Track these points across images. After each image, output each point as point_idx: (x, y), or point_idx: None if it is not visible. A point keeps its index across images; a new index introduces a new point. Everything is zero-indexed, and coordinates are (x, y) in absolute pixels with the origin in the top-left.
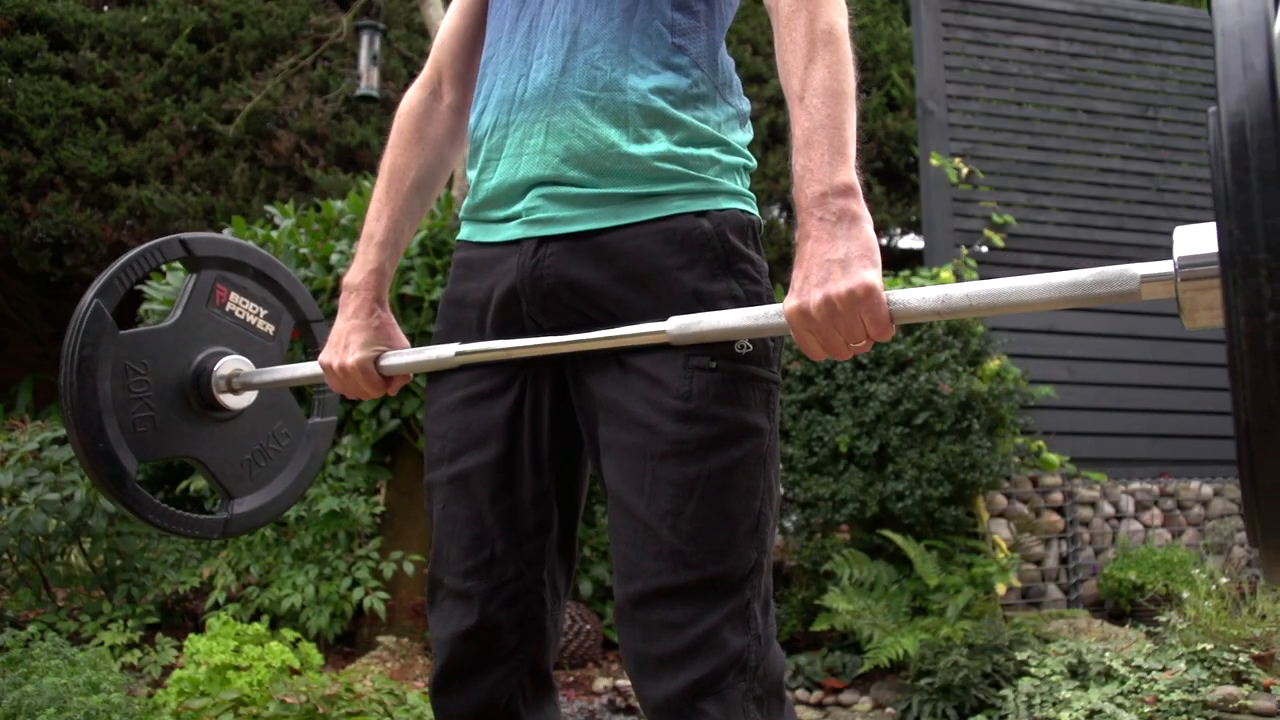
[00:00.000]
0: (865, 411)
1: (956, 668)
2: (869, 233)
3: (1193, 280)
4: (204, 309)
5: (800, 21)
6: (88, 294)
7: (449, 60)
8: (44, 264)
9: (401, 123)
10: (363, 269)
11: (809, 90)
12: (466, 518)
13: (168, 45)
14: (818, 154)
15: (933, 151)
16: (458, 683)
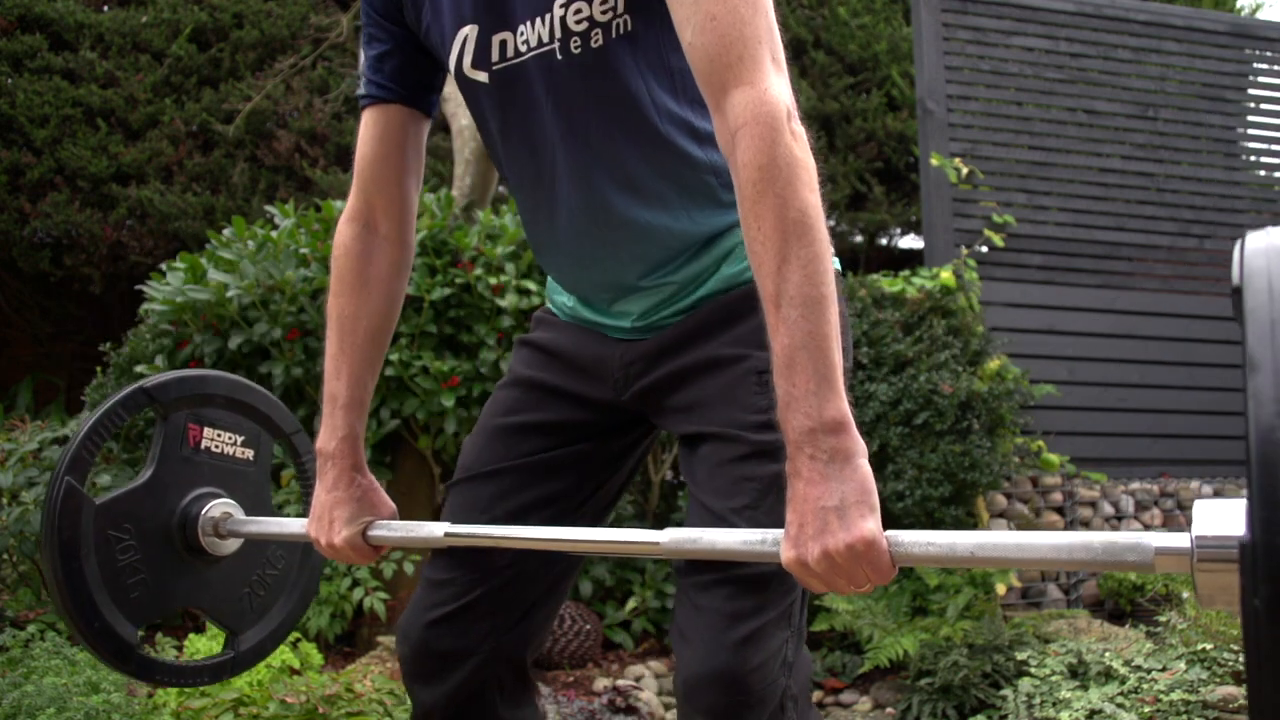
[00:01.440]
0: (865, 411)
1: (956, 668)
2: (864, 471)
3: (1210, 562)
4: (178, 453)
5: (768, 208)
6: (58, 470)
7: (377, 189)
8: (44, 264)
9: (340, 267)
10: (334, 436)
11: (784, 298)
12: (468, 509)
13: (168, 45)
14: (802, 380)
15: (933, 152)
16: (429, 673)
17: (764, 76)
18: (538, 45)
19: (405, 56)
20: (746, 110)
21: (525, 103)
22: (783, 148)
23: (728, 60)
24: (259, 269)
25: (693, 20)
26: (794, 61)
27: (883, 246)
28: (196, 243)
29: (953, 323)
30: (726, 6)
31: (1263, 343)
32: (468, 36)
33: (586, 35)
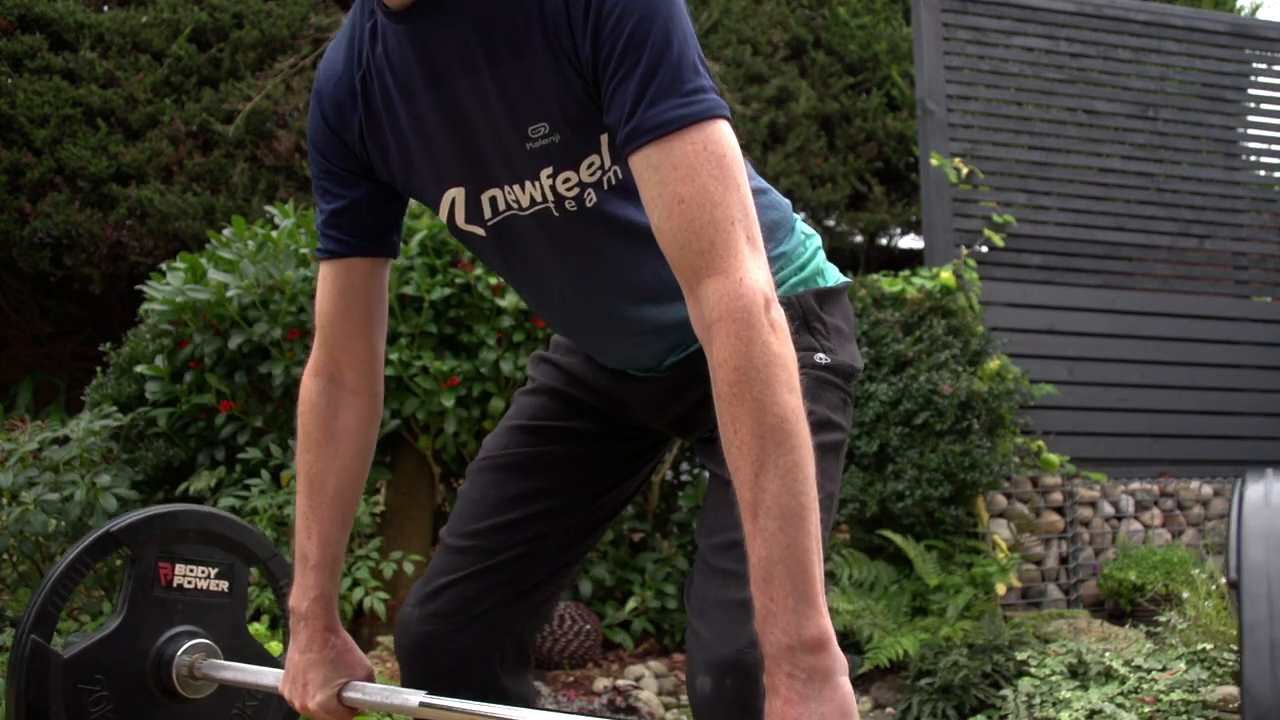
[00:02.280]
0: (865, 411)
1: (956, 668)
2: (845, 690)
3: None
4: (149, 594)
5: (745, 412)
6: (23, 626)
7: (342, 343)
8: (44, 264)
9: (306, 422)
10: (305, 596)
11: (762, 508)
12: (490, 487)
13: (168, 45)
14: (780, 594)
15: (933, 152)
16: (434, 626)
17: (738, 263)
18: (530, 205)
19: (365, 208)
20: (721, 304)
21: (525, 245)
22: (759, 346)
23: (699, 247)
24: (259, 269)
25: (660, 203)
26: (794, 61)
27: (883, 246)
28: (196, 243)
29: (953, 323)
30: (694, 186)
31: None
32: (455, 198)
33: (580, 197)
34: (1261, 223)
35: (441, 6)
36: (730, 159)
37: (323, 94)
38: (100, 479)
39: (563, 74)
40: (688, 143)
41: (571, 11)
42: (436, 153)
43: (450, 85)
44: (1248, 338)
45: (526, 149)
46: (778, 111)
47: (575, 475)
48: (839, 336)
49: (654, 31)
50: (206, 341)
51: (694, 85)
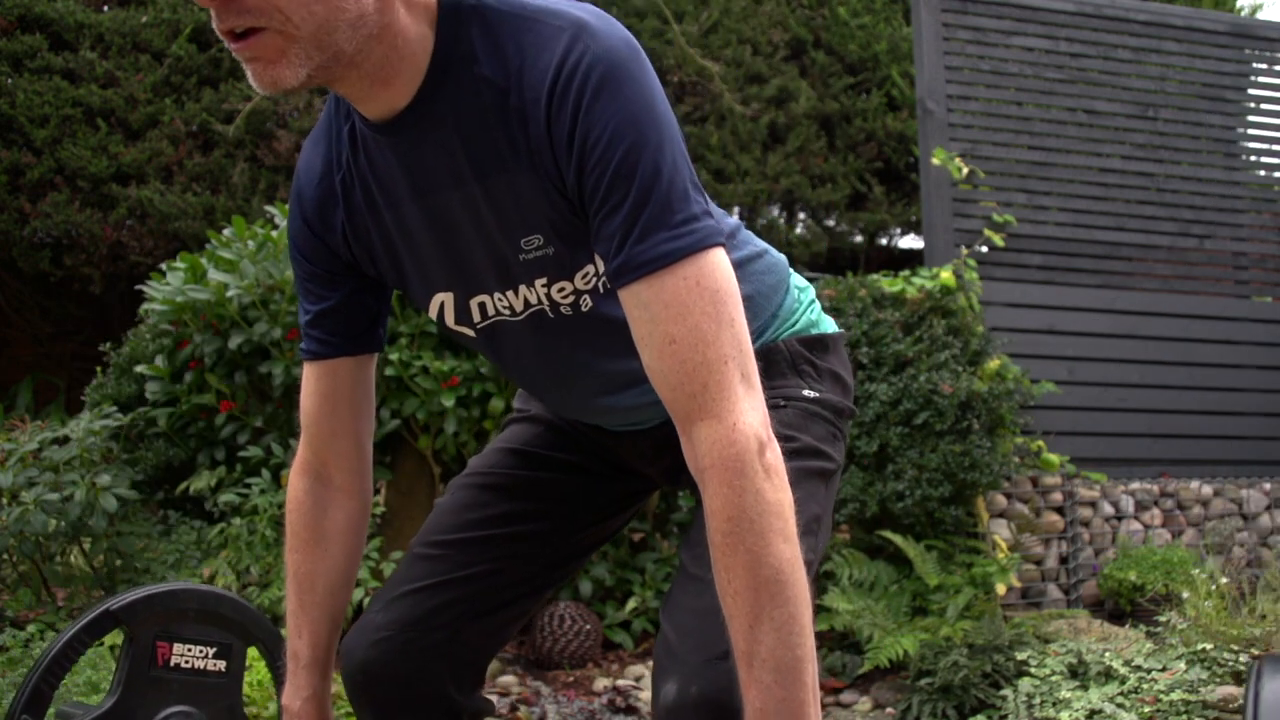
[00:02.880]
0: (865, 411)
1: (956, 668)
2: None
3: None
4: (146, 674)
5: (739, 564)
6: (15, 705)
7: (328, 442)
8: (44, 264)
9: (294, 522)
10: (298, 696)
11: (757, 660)
12: (467, 504)
13: (168, 45)
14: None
15: (936, 148)
16: (389, 636)
17: (732, 406)
18: (524, 309)
19: (350, 308)
20: (714, 451)
21: (516, 343)
22: (752, 496)
23: (691, 390)
24: (259, 269)
25: (651, 342)
26: (794, 61)
27: (883, 246)
28: (196, 243)
29: (953, 323)
30: (686, 325)
31: None
32: (444, 302)
33: (576, 303)
34: (1261, 223)
35: (422, 121)
36: (724, 292)
37: (303, 196)
38: (100, 479)
39: (550, 196)
40: (679, 278)
41: (555, 139)
42: (423, 259)
43: (436, 195)
44: (1248, 338)
45: (520, 259)
46: (778, 111)
47: (560, 505)
48: (831, 380)
49: (642, 161)
50: (206, 341)
51: (685, 215)
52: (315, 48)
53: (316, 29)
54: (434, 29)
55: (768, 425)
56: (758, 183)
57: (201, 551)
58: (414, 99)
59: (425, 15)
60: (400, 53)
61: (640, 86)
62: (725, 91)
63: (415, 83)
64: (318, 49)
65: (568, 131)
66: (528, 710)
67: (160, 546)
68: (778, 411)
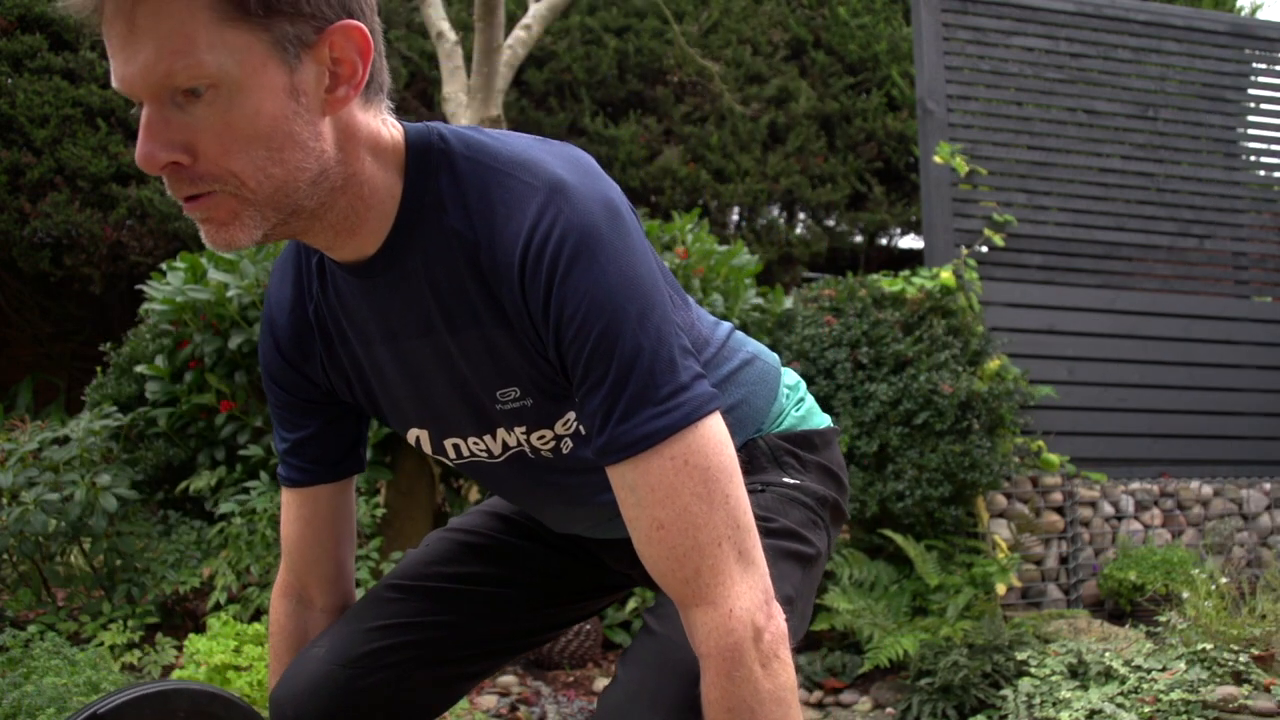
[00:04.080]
0: (865, 411)
1: (956, 668)
2: None
3: None
4: None
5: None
6: None
7: (309, 566)
8: (44, 264)
9: (275, 645)
10: None
11: None
12: (453, 559)
13: None
14: None
15: (939, 144)
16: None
17: (726, 591)
18: (503, 451)
19: (328, 435)
20: (709, 640)
21: (497, 477)
22: (748, 688)
23: (683, 575)
24: (259, 268)
25: (639, 526)
26: (794, 61)
27: (883, 246)
28: (196, 242)
29: (953, 323)
30: (675, 509)
31: None
32: (420, 437)
33: (556, 447)
34: (1261, 223)
35: (391, 269)
36: (715, 469)
37: (277, 325)
38: (100, 479)
39: (527, 353)
40: (666, 459)
41: (530, 309)
42: (396, 397)
43: (407, 341)
44: (1248, 338)
45: (497, 409)
46: (778, 111)
47: (536, 578)
48: (818, 471)
49: (621, 338)
50: (206, 341)
51: (671, 388)
52: (272, 209)
53: (274, 191)
54: (402, 176)
55: (769, 602)
56: (758, 183)
57: (201, 551)
58: (383, 246)
59: (393, 161)
60: (367, 202)
61: (616, 255)
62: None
63: (383, 230)
64: (274, 209)
65: (542, 304)
66: (528, 710)
67: (160, 546)
68: (755, 496)
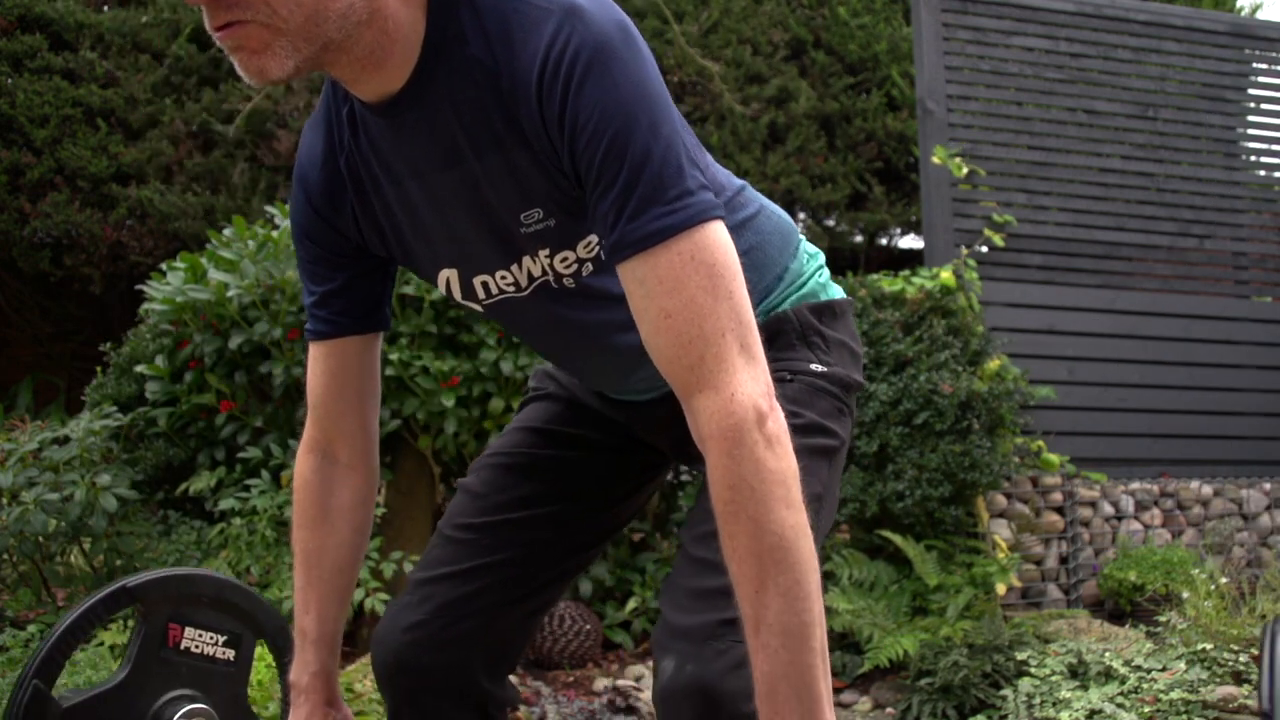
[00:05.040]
0: (865, 411)
1: (956, 668)
2: None
3: None
4: (156, 655)
5: (742, 531)
6: (26, 670)
7: (334, 420)
8: (44, 264)
9: (301, 500)
10: (305, 671)
11: (763, 625)
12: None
13: (168, 45)
14: (785, 710)
15: (936, 146)
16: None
17: (729, 377)
18: (529, 283)
19: (356, 288)
20: (712, 422)
21: (524, 317)
22: (751, 465)
23: (688, 363)
24: (259, 269)
25: (647, 317)
26: (794, 61)
27: (883, 246)
28: (196, 243)
29: (953, 323)
30: (682, 299)
31: None
32: (450, 278)
33: (577, 272)
34: (1261, 223)
35: (418, 103)
36: (720, 265)
37: (308, 181)
38: (100, 479)
39: (548, 173)
40: (674, 253)
41: (547, 122)
42: (428, 236)
43: (436, 174)
44: (1248, 338)
45: (522, 232)
46: (778, 111)
47: (579, 485)
48: (840, 351)
49: (632, 142)
50: (206, 341)
51: (679, 190)
52: (303, 39)
53: (304, 21)
54: (425, 11)
55: (770, 395)
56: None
57: (201, 551)
58: (408, 81)
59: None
60: (391, 37)
61: (629, 67)
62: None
63: (408, 65)
64: (305, 41)
65: (557, 115)
66: (528, 710)
67: (160, 546)
68: (783, 386)
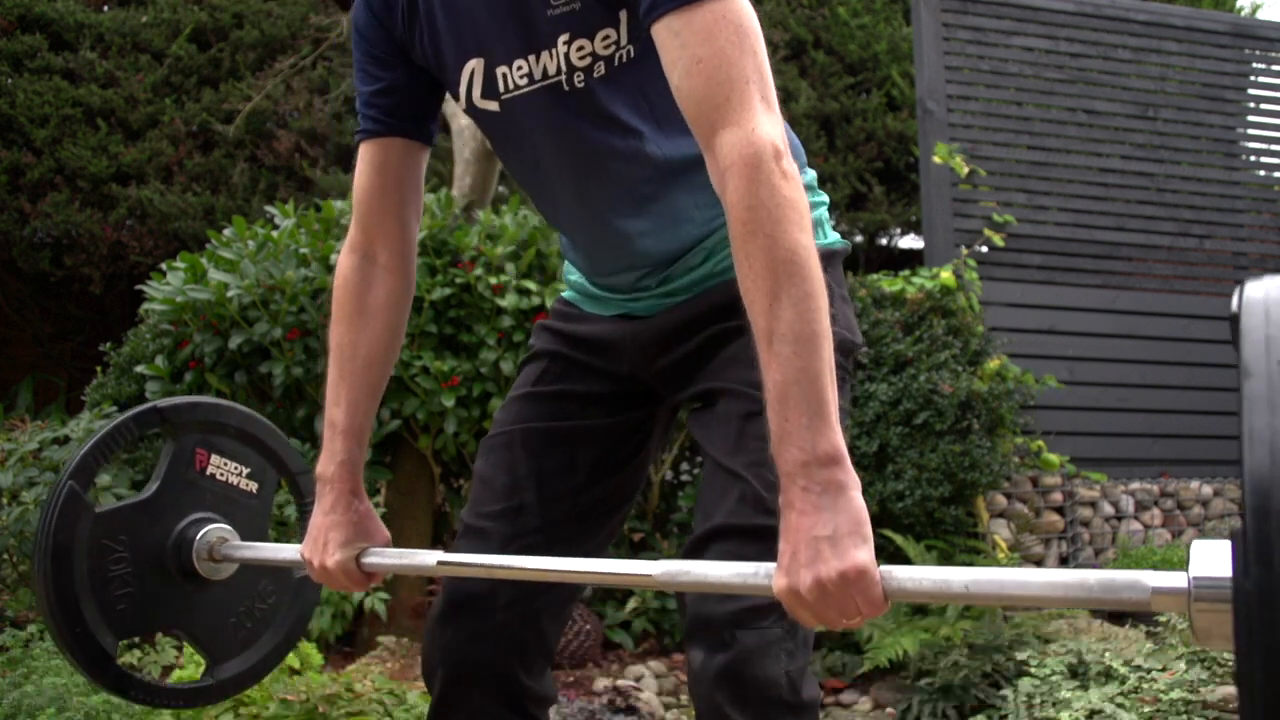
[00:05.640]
0: (865, 411)
1: (956, 668)
2: (858, 503)
3: (1207, 602)
4: (184, 476)
5: (758, 248)
6: (63, 475)
7: (376, 220)
8: (44, 264)
9: (340, 296)
10: (332, 460)
11: (776, 335)
12: (503, 465)
13: (168, 45)
14: (795, 414)
15: (937, 144)
16: (455, 618)
17: (752, 116)
18: (542, 78)
19: (403, 91)
20: (734, 151)
21: (532, 126)
22: (768, 189)
23: (715, 102)
24: (259, 269)
25: (680, 63)
26: (794, 61)
27: (883, 246)
28: (196, 243)
29: (953, 323)
30: (713, 48)
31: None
32: (474, 70)
33: (590, 69)
34: (1261, 223)
35: None
36: (748, 28)
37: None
38: (100, 479)
39: None
40: (707, 11)
41: None
42: (459, 24)
43: None
44: None
45: (548, 15)
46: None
47: (581, 449)
48: (843, 306)
49: None
50: (206, 341)
51: None
52: None
53: None
54: None
55: (785, 140)
56: None
57: None
58: None
59: None
60: None
61: None
62: None
63: None
64: None
65: None
66: None
67: None
68: None
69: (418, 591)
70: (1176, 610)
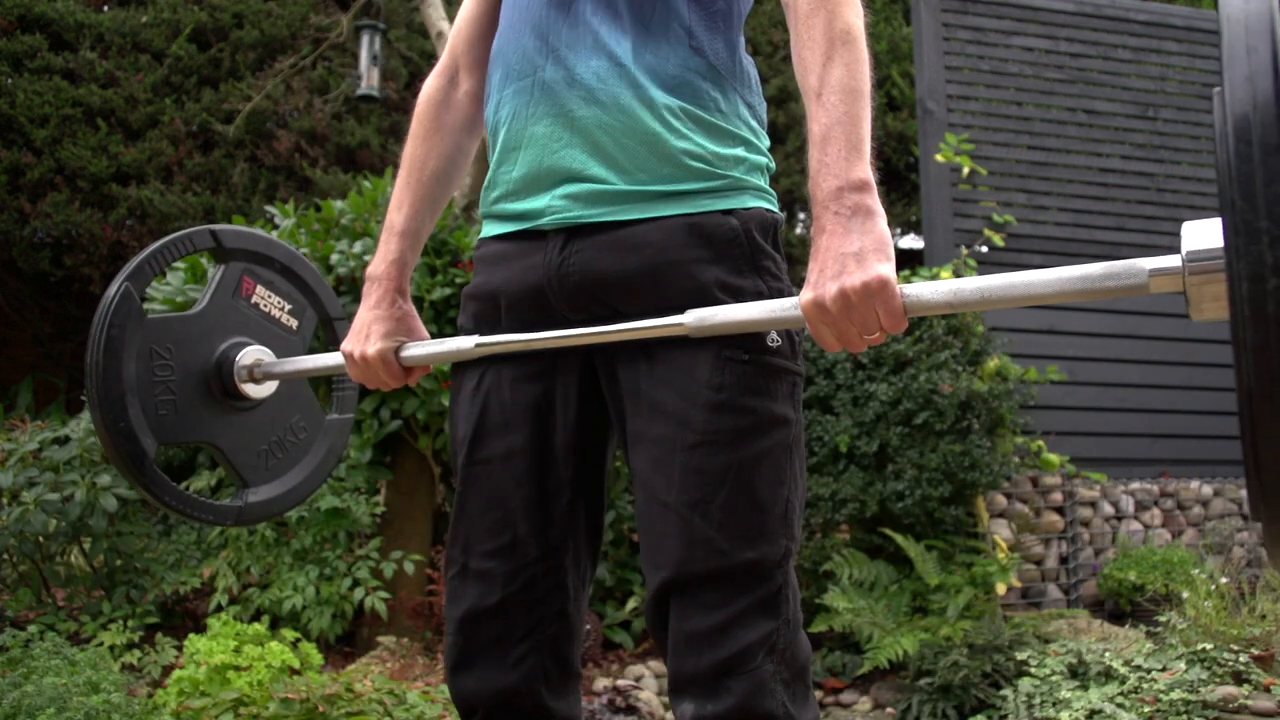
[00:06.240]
0: (865, 411)
1: (956, 668)
2: (883, 227)
3: (1200, 274)
4: (230, 300)
5: (819, 21)
6: (118, 277)
7: (465, 47)
8: (44, 264)
9: (420, 111)
10: (384, 259)
11: (827, 87)
12: (490, 500)
13: (168, 45)
14: (834, 149)
15: (939, 143)
16: (477, 662)
17: None
18: None
19: None
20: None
21: None
22: None
23: None
24: None
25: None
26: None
27: None
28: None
29: (953, 323)
30: None
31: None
32: None
33: None
34: None
35: None
36: None
37: None
38: (100, 479)
39: None
40: None
41: None
42: None
43: None
44: None
45: None
46: (778, 111)
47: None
48: (779, 273)
49: None
50: None
51: None
52: None
53: None
54: None
55: None
56: None
57: (201, 551)
58: None
59: None
60: None
61: None
62: None
63: None
64: None
65: None
66: None
67: (160, 546)
68: (740, 367)
69: (417, 591)
70: (1173, 288)
